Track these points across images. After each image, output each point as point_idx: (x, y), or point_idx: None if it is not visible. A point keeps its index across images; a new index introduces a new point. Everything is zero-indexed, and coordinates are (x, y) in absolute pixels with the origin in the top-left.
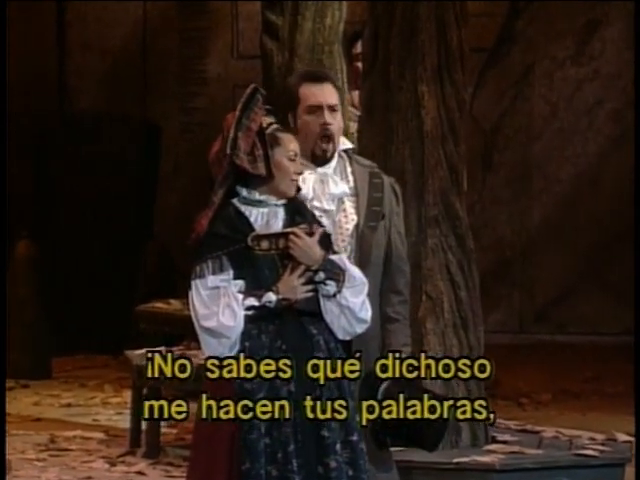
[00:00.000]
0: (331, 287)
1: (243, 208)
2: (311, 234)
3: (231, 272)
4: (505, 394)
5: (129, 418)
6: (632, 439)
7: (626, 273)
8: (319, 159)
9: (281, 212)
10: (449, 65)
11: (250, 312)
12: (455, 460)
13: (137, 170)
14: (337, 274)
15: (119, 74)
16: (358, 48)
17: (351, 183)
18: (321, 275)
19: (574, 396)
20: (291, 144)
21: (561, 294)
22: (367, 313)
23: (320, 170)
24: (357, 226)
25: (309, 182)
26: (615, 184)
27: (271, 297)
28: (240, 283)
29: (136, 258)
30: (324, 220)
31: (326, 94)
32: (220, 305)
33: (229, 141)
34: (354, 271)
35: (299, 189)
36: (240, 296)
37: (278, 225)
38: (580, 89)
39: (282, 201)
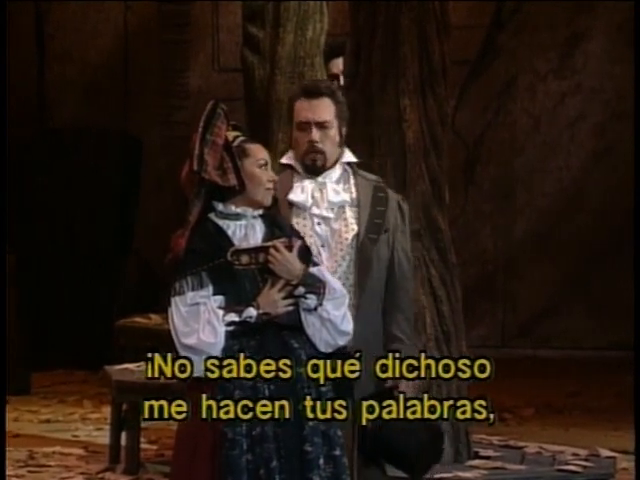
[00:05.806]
0: (311, 300)
1: (221, 222)
2: (290, 247)
3: (211, 288)
4: None
5: (108, 434)
6: (615, 455)
7: (609, 287)
8: (310, 169)
9: (259, 224)
10: (431, 78)
11: (231, 328)
12: (437, 476)
13: (118, 184)
14: (317, 287)
15: (99, 86)
16: (334, 67)
17: (354, 194)
18: (301, 289)
19: (557, 411)
20: (260, 153)
21: (544, 308)
22: (349, 325)
23: (320, 179)
24: (357, 236)
25: (308, 189)
26: (598, 198)
27: (251, 312)
28: (220, 299)
29: (117, 272)
30: (322, 227)
31: (317, 110)
32: (200, 322)
33: (196, 158)
34: (335, 283)
35: (276, 199)
36: (220, 312)
37: (257, 238)
38: (563, 103)
39: (259, 212)
